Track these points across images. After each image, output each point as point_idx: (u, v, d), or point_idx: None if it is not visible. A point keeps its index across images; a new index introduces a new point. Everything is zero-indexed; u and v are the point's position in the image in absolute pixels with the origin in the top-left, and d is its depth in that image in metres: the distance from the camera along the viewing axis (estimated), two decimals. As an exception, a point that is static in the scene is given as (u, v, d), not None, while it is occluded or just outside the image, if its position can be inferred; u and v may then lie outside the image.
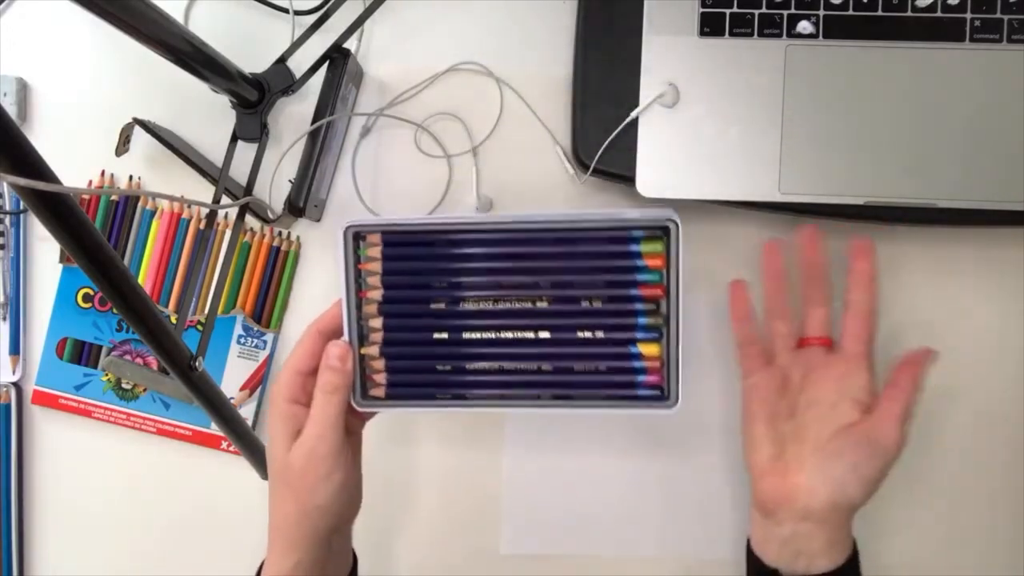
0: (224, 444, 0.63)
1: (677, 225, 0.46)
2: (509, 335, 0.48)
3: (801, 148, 0.58)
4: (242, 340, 0.63)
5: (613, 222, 0.47)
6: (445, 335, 0.48)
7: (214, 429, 0.63)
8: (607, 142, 0.59)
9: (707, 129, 0.58)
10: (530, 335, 0.48)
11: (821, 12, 0.58)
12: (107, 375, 0.64)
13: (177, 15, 0.63)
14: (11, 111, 0.63)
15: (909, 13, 0.57)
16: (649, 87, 0.58)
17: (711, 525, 0.63)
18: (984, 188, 0.57)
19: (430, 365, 0.49)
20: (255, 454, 0.60)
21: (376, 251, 0.48)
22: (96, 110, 0.64)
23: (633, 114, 0.58)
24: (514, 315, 0.48)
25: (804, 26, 0.58)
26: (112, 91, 0.64)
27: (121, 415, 0.64)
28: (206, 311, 0.62)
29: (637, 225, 0.47)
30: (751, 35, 0.58)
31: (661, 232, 0.47)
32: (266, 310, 0.64)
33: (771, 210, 0.59)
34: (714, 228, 0.62)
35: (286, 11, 0.63)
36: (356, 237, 0.48)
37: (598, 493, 0.63)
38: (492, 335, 0.48)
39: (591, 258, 0.47)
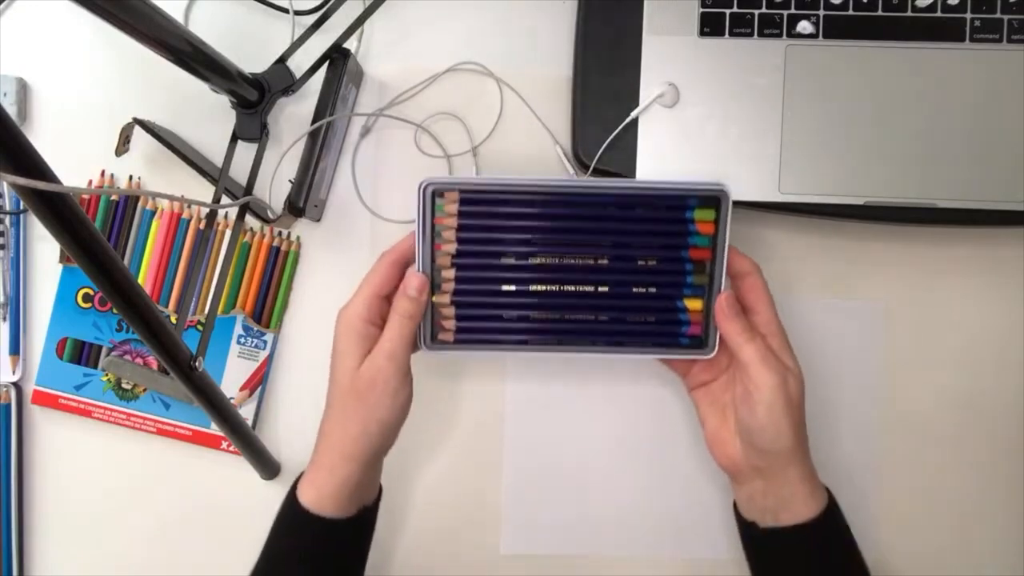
0: (224, 444, 0.63)
1: (727, 195, 0.51)
2: (571, 288, 0.53)
3: (801, 148, 0.58)
4: (242, 340, 0.63)
5: (671, 190, 0.52)
6: (512, 287, 0.53)
7: (214, 429, 0.63)
8: (607, 142, 0.59)
9: (707, 129, 0.58)
10: (590, 289, 0.53)
11: (821, 12, 0.58)
12: (107, 375, 0.64)
13: (177, 15, 0.63)
14: (11, 111, 0.63)
15: (909, 13, 0.57)
16: (649, 87, 0.58)
17: (711, 525, 0.63)
18: (984, 188, 0.57)
19: (497, 314, 0.53)
20: (255, 454, 0.60)
21: (453, 207, 0.52)
22: (96, 110, 0.64)
23: (633, 114, 0.58)
24: (577, 270, 0.53)
25: (804, 26, 0.58)
26: (112, 91, 0.64)
27: (121, 415, 0.64)
28: (206, 311, 0.62)
29: (692, 193, 0.52)
30: (751, 35, 0.58)
31: (712, 201, 0.52)
32: (266, 310, 0.64)
33: (771, 210, 0.59)
34: (714, 228, 0.62)
35: (286, 11, 0.63)
36: (434, 194, 0.52)
37: (598, 493, 0.63)
38: (556, 288, 0.53)
39: (649, 222, 0.52)
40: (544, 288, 0.53)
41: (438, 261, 0.52)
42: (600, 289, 0.53)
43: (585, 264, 0.53)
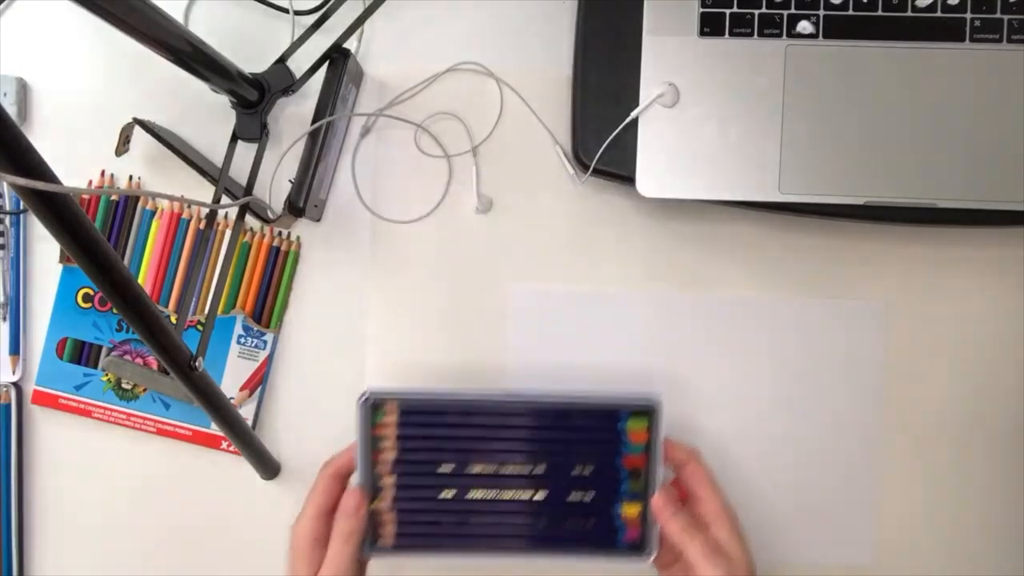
0: (224, 444, 0.63)
1: (658, 406, 0.54)
2: (509, 495, 0.55)
3: (801, 148, 0.58)
4: (242, 340, 0.63)
5: (603, 403, 0.54)
6: (451, 493, 0.55)
7: (214, 429, 0.63)
8: (607, 142, 0.59)
9: (707, 129, 0.58)
10: (527, 496, 0.55)
11: (821, 12, 0.58)
12: (107, 375, 0.64)
13: (177, 15, 0.63)
14: (11, 111, 0.63)
15: (909, 13, 0.57)
16: (649, 87, 0.58)
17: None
18: (984, 188, 0.57)
19: (436, 519, 0.55)
20: (255, 454, 0.60)
21: (392, 418, 0.54)
22: (96, 110, 0.64)
23: (633, 114, 0.58)
24: (514, 478, 0.54)
25: (804, 26, 0.58)
26: (112, 91, 0.64)
27: (121, 415, 0.64)
28: (206, 311, 0.62)
29: (624, 406, 0.54)
30: (751, 35, 0.58)
31: (645, 411, 0.54)
32: (266, 310, 0.64)
33: (771, 210, 0.59)
34: (714, 228, 0.62)
35: (286, 11, 0.63)
36: (374, 406, 0.54)
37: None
38: (494, 494, 0.55)
39: (584, 431, 0.54)
40: (482, 496, 0.54)
41: (378, 468, 0.54)
42: (537, 497, 0.54)
43: (522, 473, 0.54)
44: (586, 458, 0.54)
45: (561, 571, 0.58)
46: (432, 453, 0.54)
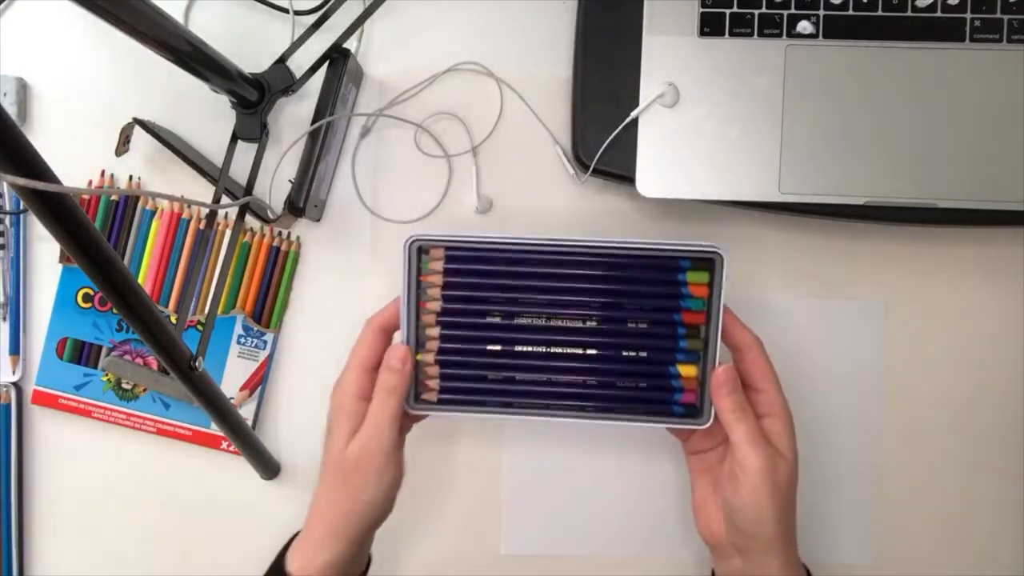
0: (224, 444, 0.63)
1: (722, 258, 0.49)
2: (559, 350, 0.51)
3: (801, 148, 0.58)
4: (242, 340, 0.63)
5: (664, 250, 0.50)
6: (498, 347, 0.51)
7: (214, 429, 0.63)
8: (607, 142, 0.59)
9: (707, 129, 0.58)
10: (578, 351, 0.51)
11: (821, 12, 0.58)
12: (107, 375, 0.64)
13: (177, 15, 0.63)
14: (11, 111, 0.63)
15: (909, 13, 0.57)
16: (649, 87, 0.58)
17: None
18: (984, 188, 0.57)
19: (482, 375, 0.51)
20: (255, 454, 0.60)
21: (439, 264, 0.50)
22: (96, 110, 0.64)
23: (633, 114, 0.58)
24: (564, 332, 0.51)
25: (804, 26, 0.58)
26: (112, 91, 0.64)
27: (121, 415, 0.64)
28: (206, 311, 0.62)
29: (685, 255, 0.50)
30: (751, 35, 0.58)
31: (707, 263, 0.50)
32: (266, 310, 0.64)
33: (771, 210, 0.59)
34: (714, 228, 0.62)
35: (286, 11, 0.63)
36: (419, 250, 0.50)
37: (599, 493, 0.63)
38: (543, 349, 0.51)
39: (640, 283, 0.50)
40: (530, 349, 0.51)
41: (423, 319, 0.51)
42: (588, 352, 0.51)
43: (573, 326, 0.51)
44: (642, 311, 0.50)
45: (613, 429, 0.54)
46: (479, 303, 0.51)
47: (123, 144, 0.60)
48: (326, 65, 0.61)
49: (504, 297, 0.51)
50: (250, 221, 0.63)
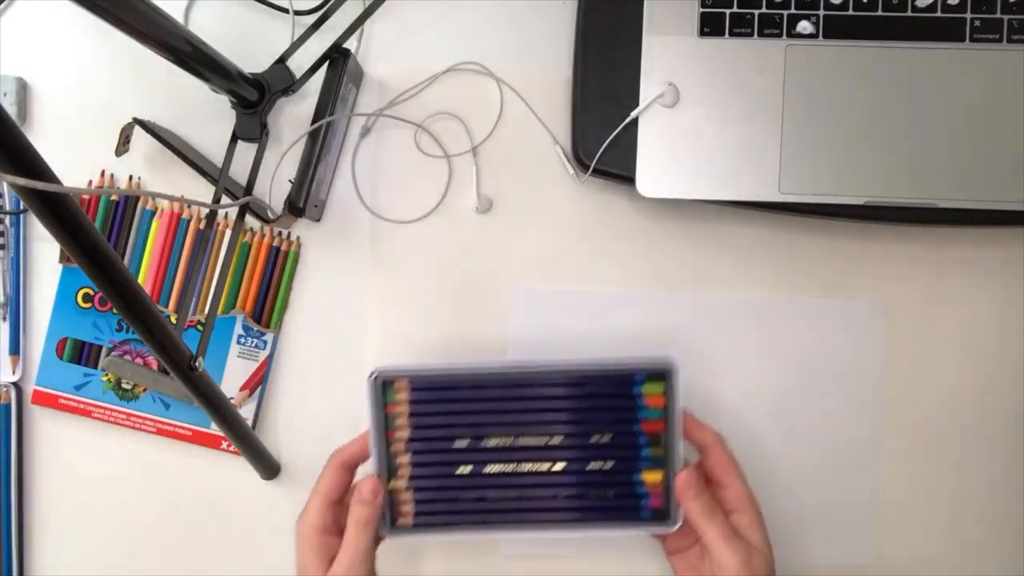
0: (224, 444, 0.63)
1: (674, 368, 0.52)
2: (527, 467, 0.53)
3: (801, 148, 0.58)
4: (242, 340, 0.63)
5: (617, 367, 0.53)
6: (468, 469, 0.53)
7: (214, 429, 0.63)
8: (607, 142, 0.59)
9: (707, 129, 0.58)
10: (546, 467, 0.53)
11: (821, 12, 0.58)
12: (107, 375, 0.64)
13: (177, 15, 0.63)
14: (11, 111, 0.63)
15: (909, 13, 0.57)
16: (649, 87, 0.58)
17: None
18: (984, 188, 0.57)
19: (454, 496, 0.54)
20: (255, 454, 0.60)
21: (404, 395, 0.53)
22: (96, 110, 0.64)
23: (633, 114, 0.58)
24: (531, 450, 0.53)
25: (804, 26, 0.58)
26: (112, 91, 0.64)
27: (121, 415, 0.64)
28: (206, 311, 0.62)
29: (639, 369, 0.53)
30: (751, 35, 0.58)
31: (661, 374, 0.52)
32: (266, 310, 0.64)
33: (771, 210, 0.59)
34: (714, 228, 0.62)
35: (286, 11, 0.63)
36: (384, 384, 0.53)
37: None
38: (512, 468, 0.53)
39: (599, 398, 0.53)
40: (500, 469, 0.53)
41: (393, 447, 0.53)
42: (555, 467, 0.53)
43: (539, 444, 0.53)
44: (603, 426, 0.53)
45: (584, 541, 0.56)
46: (446, 429, 0.53)
47: (123, 144, 0.60)
48: (326, 65, 0.61)
49: (470, 422, 0.53)
50: (250, 221, 0.63)
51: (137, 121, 0.60)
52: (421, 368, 0.53)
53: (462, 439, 0.53)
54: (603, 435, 0.53)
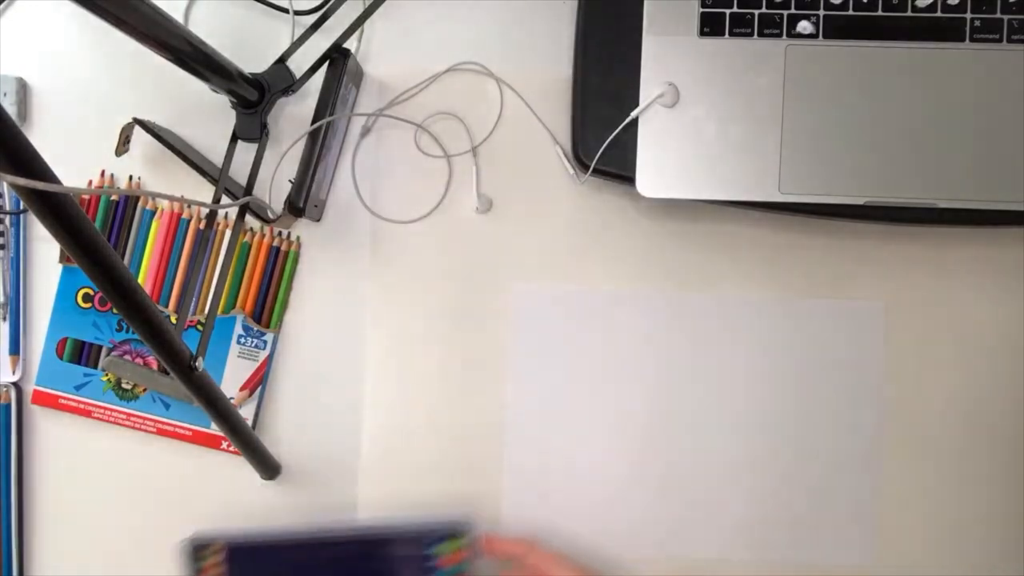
0: (224, 444, 0.63)
1: (470, 528, 0.56)
2: None
3: (801, 148, 0.58)
4: (242, 340, 0.64)
5: (409, 530, 0.56)
6: None
7: (214, 429, 0.63)
8: (607, 142, 0.59)
9: (707, 129, 0.58)
10: None
11: (821, 12, 0.58)
12: (107, 375, 0.64)
13: (177, 15, 0.63)
14: (11, 111, 0.63)
15: (909, 13, 0.57)
16: (649, 87, 0.58)
17: (711, 524, 0.63)
18: (984, 188, 0.57)
19: None
20: (255, 454, 0.60)
21: (216, 559, 0.57)
22: (96, 110, 0.64)
23: (633, 114, 0.58)
24: None
25: (804, 26, 0.58)
26: (112, 91, 0.64)
27: (121, 415, 0.64)
28: (206, 311, 0.62)
29: (431, 532, 0.56)
30: (751, 35, 0.58)
31: (457, 533, 0.56)
32: (266, 310, 0.64)
33: (771, 210, 0.59)
34: (714, 228, 0.62)
35: (286, 11, 0.63)
36: (197, 548, 0.57)
37: (598, 492, 0.63)
38: None
39: (396, 560, 0.57)
40: None
41: None
42: None
43: None
44: None
45: None
46: None
47: (123, 144, 0.60)
48: (326, 65, 0.61)
49: None
50: (250, 221, 0.63)
51: (137, 121, 0.60)
52: (232, 534, 0.57)
53: None
54: None
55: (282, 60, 0.61)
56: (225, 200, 0.60)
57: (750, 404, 0.63)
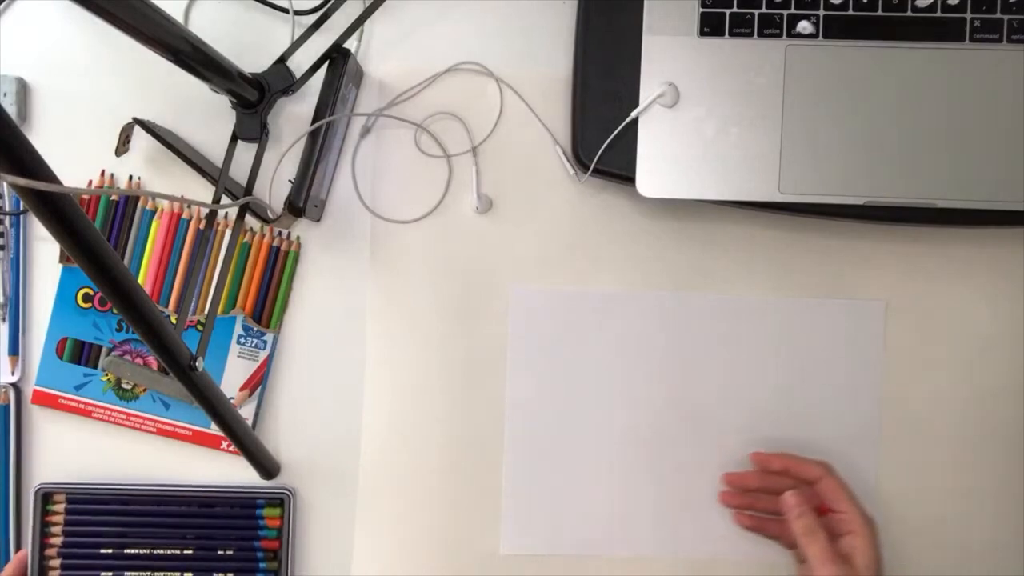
0: (224, 444, 0.63)
1: (292, 496, 0.62)
2: (161, 574, 0.63)
3: (801, 148, 0.58)
4: (242, 340, 0.63)
5: (244, 493, 0.63)
6: (110, 574, 0.63)
7: (214, 429, 0.63)
8: (607, 142, 0.59)
9: (707, 129, 0.58)
10: (177, 575, 0.63)
11: (821, 12, 0.58)
12: (107, 375, 0.64)
13: (177, 15, 0.63)
14: (11, 111, 0.63)
15: (909, 13, 0.57)
16: (649, 87, 0.58)
17: (711, 525, 0.63)
18: (984, 188, 0.57)
19: None
20: (255, 454, 0.60)
21: (60, 507, 0.63)
22: (96, 110, 0.64)
23: (633, 114, 0.58)
24: (166, 559, 0.63)
25: (804, 26, 0.58)
26: (112, 91, 0.64)
27: (121, 415, 0.64)
28: (206, 311, 0.62)
29: (259, 496, 0.63)
30: (751, 35, 0.58)
31: (280, 500, 0.63)
32: (266, 310, 0.64)
33: (771, 210, 0.59)
34: (714, 228, 0.62)
35: (286, 11, 0.63)
36: (45, 496, 0.62)
37: (598, 492, 0.63)
38: (148, 574, 0.63)
39: (226, 518, 0.63)
40: (138, 575, 0.62)
41: (46, 552, 0.62)
42: (187, 575, 0.63)
43: (173, 553, 0.63)
44: (229, 540, 0.63)
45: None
46: (94, 537, 0.62)
47: (123, 144, 0.60)
48: (326, 65, 0.61)
49: (115, 531, 0.63)
50: (250, 221, 0.63)
51: (137, 121, 0.60)
52: (77, 484, 0.63)
53: (107, 547, 0.62)
54: (228, 549, 0.63)
55: (282, 60, 0.61)
56: (225, 200, 0.60)
57: (750, 403, 0.63)
